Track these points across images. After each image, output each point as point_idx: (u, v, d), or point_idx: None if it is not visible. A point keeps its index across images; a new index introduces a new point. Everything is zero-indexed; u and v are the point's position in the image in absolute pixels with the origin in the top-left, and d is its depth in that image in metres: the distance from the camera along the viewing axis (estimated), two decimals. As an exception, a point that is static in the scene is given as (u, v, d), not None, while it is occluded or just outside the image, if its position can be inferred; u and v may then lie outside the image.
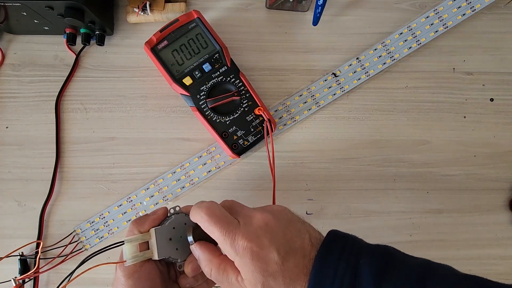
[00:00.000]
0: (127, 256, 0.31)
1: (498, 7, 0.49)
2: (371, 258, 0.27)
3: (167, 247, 0.32)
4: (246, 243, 0.27)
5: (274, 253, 0.27)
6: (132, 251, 0.32)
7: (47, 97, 0.47)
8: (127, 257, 0.31)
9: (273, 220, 0.29)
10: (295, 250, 0.27)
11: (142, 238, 0.32)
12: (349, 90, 0.48)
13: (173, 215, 0.34)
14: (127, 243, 0.32)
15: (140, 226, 0.33)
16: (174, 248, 0.33)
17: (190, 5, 0.49)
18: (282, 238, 0.28)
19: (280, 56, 0.49)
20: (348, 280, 0.26)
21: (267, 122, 0.44)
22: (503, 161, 0.48)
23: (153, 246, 0.32)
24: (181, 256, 0.33)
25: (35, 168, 0.47)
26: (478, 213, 0.48)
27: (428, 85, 0.49)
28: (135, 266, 0.32)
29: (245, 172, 0.47)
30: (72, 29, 0.45)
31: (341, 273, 0.26)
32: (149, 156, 0.47)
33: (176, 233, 0.33)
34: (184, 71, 0.44)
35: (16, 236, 0.46)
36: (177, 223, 0.34)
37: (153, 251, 0.32)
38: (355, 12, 0.49)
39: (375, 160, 0.48)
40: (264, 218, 0.29)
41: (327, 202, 0.47)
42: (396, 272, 0.26)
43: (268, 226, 0.28)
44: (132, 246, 0.32)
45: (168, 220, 0.33)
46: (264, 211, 0.30)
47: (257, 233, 0.28)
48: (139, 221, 0.33)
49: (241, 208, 0.31)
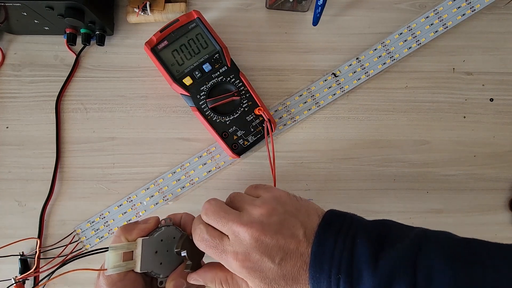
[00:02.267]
0: (109, 265, 0.30)
1: (498, 7, 0.49)
2: (367, 236, 0.27)
3: (152, 260, 0.31)
4: (238, 262, 0.28)
5: (268, 262, 0.27)
6: (115, 260, 0.30)
7: (47, 97, 0.47)
8: (109, 266, 0.30)
9: (262, 231, 0.28)
10: (291, 253, 0.28)
11: (128, 247, 0.31)
12: (349, 90, 0.48)
13: (163, 227, 0.32)
14: (111, 250, 0.30)
15: (128, 234, 0.32)
16: (158, 263, 0.31)
17: (190, 5, 0.49)
18: (274, 246, 0.28)
19: (280, 56, 0.49)
20: (345, 263, 0.26)
21: (267, 122, 0.44)
22: (503, 161, 0.48)
23: (137, 257, 0.31)
24: (163, 271, 0.31)
25: (35, 168, 0.47)
26: (478, 213, 0.48)
27: (428, 85, 0.49)
28: (119, 275, 0.30)
29: (245, 172, 0.48)
30: (72, 29, 0.46)
31: (337, 260, 0.26)
32: (149, 156, 0.47)
33: (163, 247, 0.32)
34: (184, 71, 0.44)
35: (16, 236, 0.46)
36: (166, 236, 0.32)
37: (136, 262, 0.31)
38: (355, 12, 0.49)
39: (375, 160, 0.48)
40: (253, 233, 0.28)
41: (327, 202, 0.47)
42: (392, 247, 0.26)
43: (257, 241, 0.28)
44: (116, 255, 0.30)
45: (157, 232, 0.32)
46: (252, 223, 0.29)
47: (247, 251, 0.28)
48: (127, 227, 0.32)
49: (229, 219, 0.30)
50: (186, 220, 0.35)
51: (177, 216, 0.35)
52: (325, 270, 0.26)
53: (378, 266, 0.25)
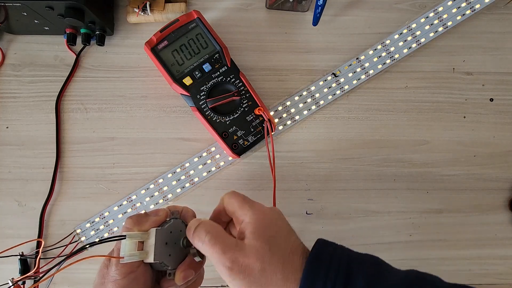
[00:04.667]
0: (126, 253, 0.29)
1: (498, 7, 0.49)
2: (362, 264, 0.27)
3: (162, 251, 0.31)
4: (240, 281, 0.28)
5: None
6: (131, 247, 0.30)
7: (47, 97, 0.47)
8: (125, 254, 0.29)
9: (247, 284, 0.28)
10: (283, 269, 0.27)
11: (142, 236, 0.30)
12: (349, 90, 0.48)
13: (172, 219, 0.33)
14: (129, 238, 0.30)
15: (140, 225, 0.31)
16: (168, 254, 0.31)
17: (190, 5, 0.49)
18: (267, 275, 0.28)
19: (280, 56, 0.49)
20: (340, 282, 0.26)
21: (267, 122, 0.44)
22: (503, 161, 0.48)
23: (149, 248, 0.30)
24: (172, 263, 0.31)
25: (35, 168, 0.47)
26: (478, 213, 0.48)
27: (428, 85, 0.49)
28: (132, 266, 0.30)
29: (245, 172, 0.48)
30: (72, 29, 0.46)
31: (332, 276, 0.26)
32: (149, 156, 0.47)
33: (171, 239, 0.32)
34: (184, 71, 0.44)
35: (16, 236, 0.46)
36: (175, 228, 0.32)
37: (149, 252, 0.30)
38: (355, 12, 0.49)
39: (375, 160, 0.48)
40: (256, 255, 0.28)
41: (327, 202, 0.47)
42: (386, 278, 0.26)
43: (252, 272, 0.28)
44: (132, 243, 0.30)
45: (167, 224, 0.32)
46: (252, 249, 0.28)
47: None
48: (139, 218, 0.32)
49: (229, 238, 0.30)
50: (185, 214, 0.35)
51: (177, 208, 0.35)
52: None
53: None
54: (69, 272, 0.45)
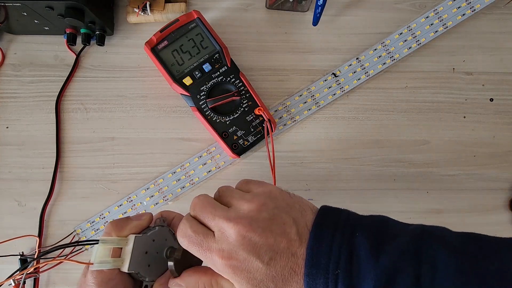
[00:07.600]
0: (96, 259, 0.27)
1: (498, 7, 0.49)
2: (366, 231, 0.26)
3: (141, 261, 0.28)
4: (223, 261, 0.25)
5: (256, 262, 0.25)
6: (103, 254, 0.27)
7: (47, 97, 0.47)
8: (96, 260, 0.27)
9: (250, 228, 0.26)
10: (281, 252, 0.25)
11: (118, 242, 0.28)
12: (349, 90, 0.48)
13: (157, 227, 0.30)
14: (102, 243, 0.27)
15: (119, 230, 0.29)
16: (146, 264, 0.29)
17: (190, 5, 0.49)
18: (263, 244, 0.25)
19: (280, 56, 0.49)
20: (344, 258, 0.24)
21: (267, 122, 0.44)
22: (503, 161, 0.48)
23: (126, 255, 0.28)
24: (150, 275, 0.29)
25: (35, 168, 0.47)
26: (478, 213, 0.48)
27: (428, 85, 0.49)
28: (110, 274, 0.28)
29: (245, 172, 0.48)
30: (72, 29, 0.46)
31: (336, 254, 0.25)
32: (149, 156, 0.47)
33: (153, 248, 0.29)
34: (184, 71, 0.44)
35: (16, 236, 0.46)
36: (158, 237, 0.30)
37: (124, 260, 0.28)
38: (355, 12, 0.49)
39: (375, 160, 0.48)
40: (240, 230, 0.26)
41: (327, 202, 0.47)
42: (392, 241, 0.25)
43: (244, 238, 0.25)
44: (105, 249, 0.28)
45: (151, 231, 0.30)
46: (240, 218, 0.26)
47: (233, 248, 0.26)
48: (119, 223, 0.29)
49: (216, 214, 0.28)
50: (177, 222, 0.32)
51: (170, 214, 0.33)
52: (322, 266, 0.24)
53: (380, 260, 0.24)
54: (69, 272, 0.46)
